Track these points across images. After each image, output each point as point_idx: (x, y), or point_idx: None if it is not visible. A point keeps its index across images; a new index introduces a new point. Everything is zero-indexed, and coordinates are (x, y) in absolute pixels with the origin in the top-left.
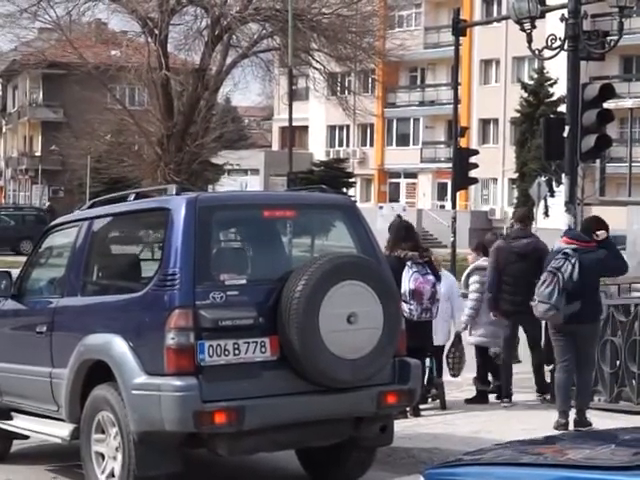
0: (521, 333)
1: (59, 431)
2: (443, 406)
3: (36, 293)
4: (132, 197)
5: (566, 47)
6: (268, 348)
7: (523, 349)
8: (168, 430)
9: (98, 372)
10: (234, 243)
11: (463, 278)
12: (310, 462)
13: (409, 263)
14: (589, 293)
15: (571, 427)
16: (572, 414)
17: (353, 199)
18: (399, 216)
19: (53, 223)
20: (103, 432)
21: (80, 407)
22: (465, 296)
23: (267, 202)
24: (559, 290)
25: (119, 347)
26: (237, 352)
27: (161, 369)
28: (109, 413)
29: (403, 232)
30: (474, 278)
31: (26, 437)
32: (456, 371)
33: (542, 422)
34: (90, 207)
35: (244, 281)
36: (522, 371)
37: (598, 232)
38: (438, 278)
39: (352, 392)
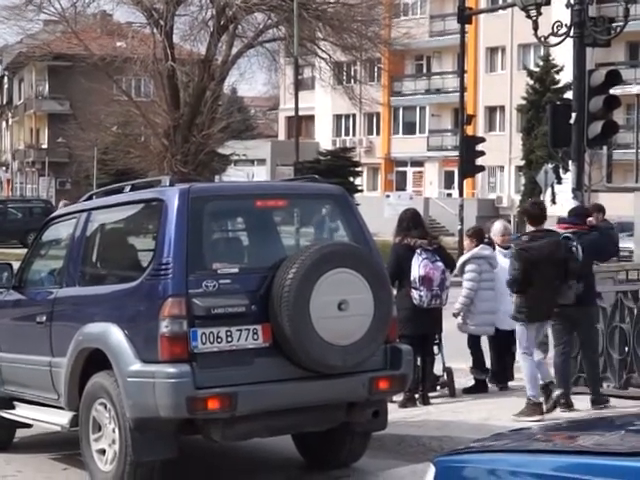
0: None
1: (59, 419)
2: (452, 394)
3: (36, 284)
4: (128, 189)
5: (572, 34)
6: (260, 335)
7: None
8: (162, 416)
9: (96, 360)
10: (226, 233)
11: (459, 264)
12: (306, 448)
13: (419, 250)
14: (585, 276)
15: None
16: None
17: (360, 188)
18: None
19: (53, 215)
20: (101, 418)
21: (79, 395)
22: (459, 283)
23: (259, 192)
24: None
25: (115, 336)
26: (230, 339)
27: (155, 357)
28: (106, 400)
29: (411, 220)
30: (470, 267)
31: (29, 426)
32: None
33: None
34: (88, 199)
35: (236, 270)
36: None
37: (589, 218)
38: (447, 265)
39: (344, 378)
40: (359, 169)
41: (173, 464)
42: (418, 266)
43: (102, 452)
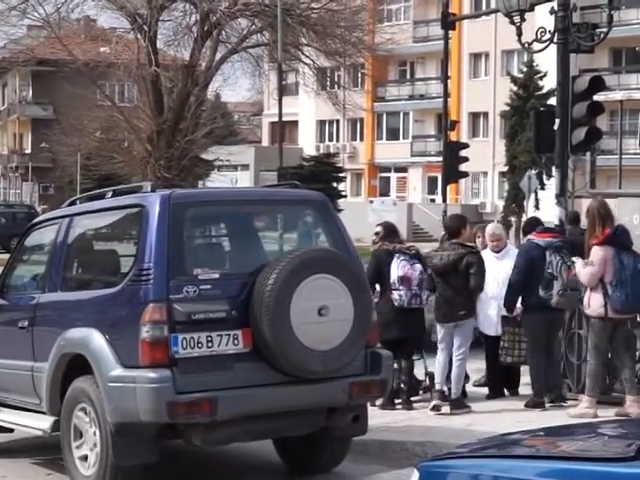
0: None
1: (41, 424)
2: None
3: (19, 289)
4: (109, 194)
5: (556, 40)
6: (241, 340)
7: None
8: (143, 421)
9: (77, 365)
10: (207, 238)
11: None
12: (287, 452)
13: (397, 254)
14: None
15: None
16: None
17: (343, 193)
18: None
19: (35, 221)
20: (82, 425)
21: (60, 400)
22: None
23: (240, 198)
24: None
25: (97, 341)
26: (210, 344)
27: (136, 361)
28: (87, 405)
29: (390, 229)
30: None
31: (11, 430)
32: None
33: (536, 415)
34: (70, 205)
35: (217, 275)
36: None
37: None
38: (426, 269)
39: (324, 383)
40: (343, 175)
41: (155, 469)
42: (397, 267)
43: (84, 457)
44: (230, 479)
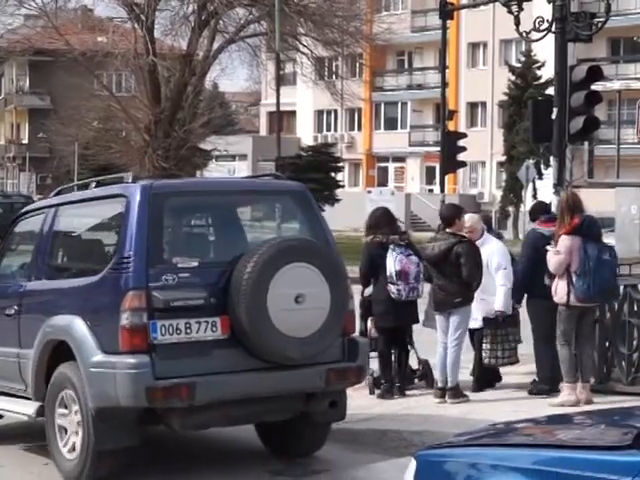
0: (523, 314)
1: (26, 409)
2: (430, 385)
3: (8, 277)
4: (93, 185)
5: (553, 29)
6: (219, 327)
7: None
8: (123, 405)
9: (61, 352)
10: (187, 228)
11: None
12: (268, 437)
13: (391, 246)
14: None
15: None
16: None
17: (341, 183)
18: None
19: (23, 210)
20: (66, 408)
21: (45, 385)
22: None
23: (220, 189)
24: None
25: (79, 328)
26: (189, 331)
27: (116, 348)
28: (71, 391)
29: (382, 219)
30: None
31: (0, 416)
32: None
33: (533, 403)
34: (56, 195)
35: (196, 264)
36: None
37: None
38: (421, 258)
39: (301, 369)
40: (340, 165)
41: (137, 453)
42: (394, 261)
43: (67, 441)
44: (227, 466)
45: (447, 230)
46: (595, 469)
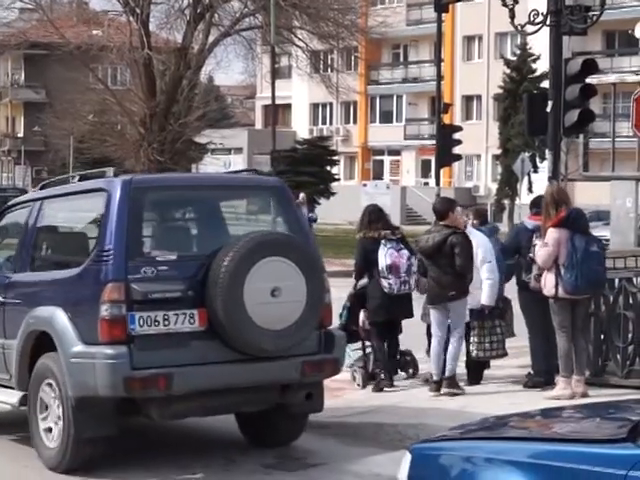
0: (515, 307)
1: (9, 398)
2: (415, 371)
3: None
4: (76, 179)
5: (548, 22)
6: (196, 319)
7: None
8: (102, 395)
9: (44, 343)
10: (166, 222)
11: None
12: (247, 427)
13: (384, 241)
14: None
15: None
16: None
17: (337, 177)
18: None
19: (10, 203)
20: (48, 399)
21: (28, 375)
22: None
23: (199, 183)
24: None
25: (60, 319)
26: (167, 323)
27: (96, 339)
28: (52, 380)
29: (373, 215)
30: None
31: None
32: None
33: (529, 397)
34: (41, 188)
35: (174, 257)
36: (511, 346)
37: None
38: (412, 252)
39: (277, 361)
40: (336, 158)
41: (117, 443)
42: (384, 256)
43: (48, 430)
44: (209, 459)
45: (441, 223)
46: (590, 462)
